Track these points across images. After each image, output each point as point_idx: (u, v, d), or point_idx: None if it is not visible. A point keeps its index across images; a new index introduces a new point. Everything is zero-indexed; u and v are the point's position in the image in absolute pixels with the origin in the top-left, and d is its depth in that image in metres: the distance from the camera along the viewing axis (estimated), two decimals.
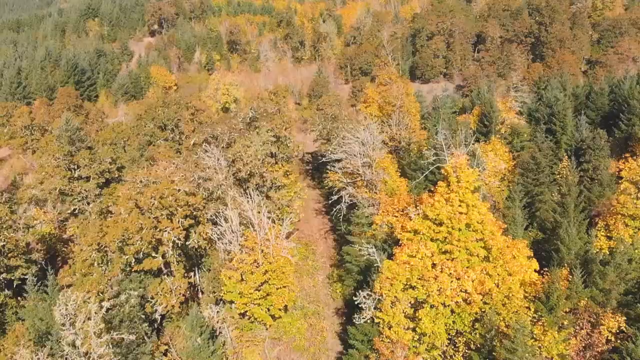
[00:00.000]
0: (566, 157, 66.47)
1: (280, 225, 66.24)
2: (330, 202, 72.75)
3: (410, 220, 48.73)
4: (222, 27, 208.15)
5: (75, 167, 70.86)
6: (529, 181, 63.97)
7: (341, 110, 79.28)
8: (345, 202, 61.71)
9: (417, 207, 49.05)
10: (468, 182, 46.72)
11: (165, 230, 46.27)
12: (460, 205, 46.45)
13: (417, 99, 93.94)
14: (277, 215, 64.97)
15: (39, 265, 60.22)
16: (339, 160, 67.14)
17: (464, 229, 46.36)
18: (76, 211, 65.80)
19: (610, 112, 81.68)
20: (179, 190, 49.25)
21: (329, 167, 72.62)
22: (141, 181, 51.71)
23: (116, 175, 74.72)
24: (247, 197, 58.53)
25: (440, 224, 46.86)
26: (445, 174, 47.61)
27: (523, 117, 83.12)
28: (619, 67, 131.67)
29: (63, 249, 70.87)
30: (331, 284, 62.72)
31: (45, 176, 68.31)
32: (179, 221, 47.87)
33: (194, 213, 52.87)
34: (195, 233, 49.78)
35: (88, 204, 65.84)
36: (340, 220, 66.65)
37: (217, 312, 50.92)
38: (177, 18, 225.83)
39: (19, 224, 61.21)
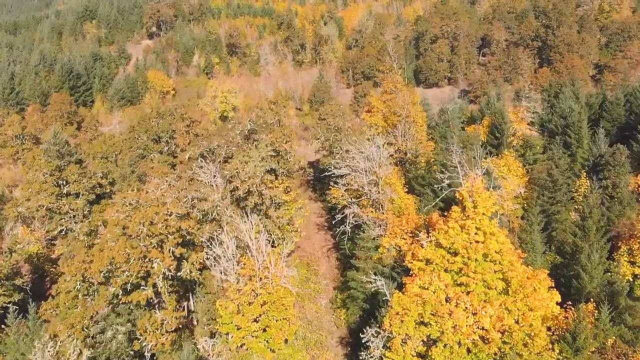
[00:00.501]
0: (584, 174, 62.57)
1: (281, 245, 62.49)
2: (333, 218, 69.21)
3: (422, 247, 44.97)
4: (222, 30, 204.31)
5: (64, 183, 67.09)
6: (544, 199, 60.15)
7: (345, 122, 75.36)
8: (349, 222, 57.86)
9: (429, 234, 45.26)
10: (485, 208, 42.97)
11: (155, 261, 42.47)
12: (476, 233, 42.70)
13: (423, 107, 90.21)
14: (277, 235, 61.21)
15: (23, 292, 56.45)
16: (342, 176, 63.47)
17: (480, 259, 42.61)
18: (63, 232, 61.96)
19: (626, 123, 77.87)
20: (170, 214, 45.44)
21: (331, 182, 69.01)
22: (130, 203, 47.93)
23: (108, 190, 71.04)
24: (245, 218, 54.85)
25: (455, 254, 43.08)
26: (460, 198, 43.84)
27: (535, 128, 79.35)
28: (630, 72, 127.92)
29: (51, 269, 67.28)
30: (335, 309, 58.93)
31: (32, 193, 64.58)
32: (169, 250, 44.08)
33: (188, 237, 49.14)
34: (187, 262, 45.95)
35: (76, 223, 61.98)
36: (345, 240, 62.93)
37: (213, 344, 47.16)
38: (176, 20, 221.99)
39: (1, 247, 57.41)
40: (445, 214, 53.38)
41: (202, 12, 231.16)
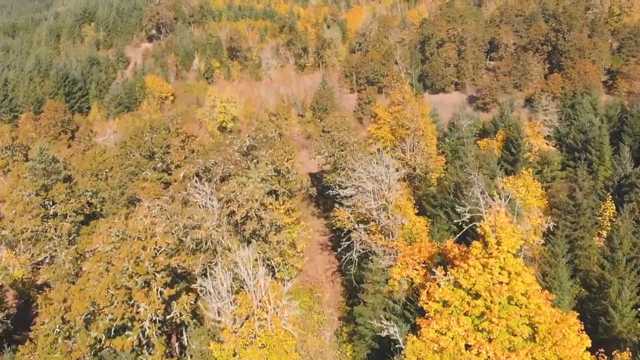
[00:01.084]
0: (610, 197, 57.96)
1: (282, 272, 58.10)
2: (338, 237, 64.90)
3: (439, 287, 40.51)
4: (222, 33, 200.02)
5: (50, 203, 62.79)
6: (567, 224, 55.61)
7: (350, 136, 70.89)
8: (356, 249, 53.38)
9: (446, 271, 40.77)
10: (510, 246, 38.46)
11: (141, 306, 38.11)
12: (500, 274, 38.26)
13: (432, 117, 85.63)
14: (278, 262, 56.82)
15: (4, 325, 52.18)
16: (348, 196, 59.05)
17: (505, 302, 38.14)
18: (47, 260, 57.68)
19: None
20: (159, 249, 41.05)
21: (336, 201, 64.63)
22: (116, 234, 43.60)
23: (98, 209, 66.74)
24: (243, 245, 50.50)
25: (477, 296, 38.59)
26: (482, 233, 39.33)
27: (552, 142, 74.82)
28: None
29: (37, 295, 63.02)
30: (340, 344, 54.45)
31: (16, 215, 60.31)
32: (157, 291, 39.68)
33: (179, 271, 44.81)
34: (177, 304, 41.56)
35: (62, 250, 57.63)
36: (351, 263, 58.48)
37: None
38: (176, 23, 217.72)
39: None
40: (462, 244, 49.02)
41: (202, 15, 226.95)
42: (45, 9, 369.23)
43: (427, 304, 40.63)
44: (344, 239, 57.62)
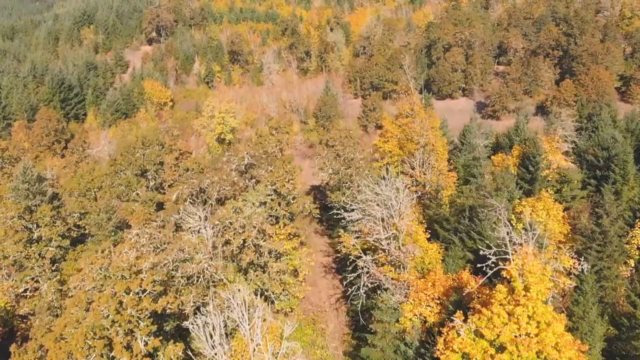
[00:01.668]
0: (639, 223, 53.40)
1: (282, 302, 53.80)
2: (343, 260, 60.54)
3: (458, 335, 36.08)
4: (223, 36, 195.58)
5: (35, 226, 58.47)
6: (592, 253, 51.13)
7: (356, 152, 66.42)
8: (364, 284, 48.87)
9: (466, 317, 36.31)
10: (540, 292, 34.02)
11: None
12: (529, 324, 33.85)
13: (442, 129, 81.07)
14: (277, 293, 52.44)
15: None
16: (354, 220, 54.59)
17: (533, 357, 33.71)
18: (28, 292, 53.39)
19: None
20: (144, 292, 36.68)
21: (341, 223, 60.36)
22: (99, 272, 39.25)
23: (86, 231, 62.41)
24: (239, 276, 46.16)
25: (502, 349, 34.20)
26: (508, 277, 34.86)
27: (571, 158, 70.29)
28: None
29: (21, 324, 58.85)
30: None
31: None
32: (141, 340, 35.29)
33: (167, 311, 40.45)
34: (163, 355, 37.15)
35: (44, 280, 53.29)
36: (356, 289, 54.00)
37: None
38: (176, 26, 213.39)
39: None
40: (479, 275, 44.58)
41: (203, 17, 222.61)
42: (46, 10, 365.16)
43: (445, 354, 36.27)
44: (349, 267, 53.24)
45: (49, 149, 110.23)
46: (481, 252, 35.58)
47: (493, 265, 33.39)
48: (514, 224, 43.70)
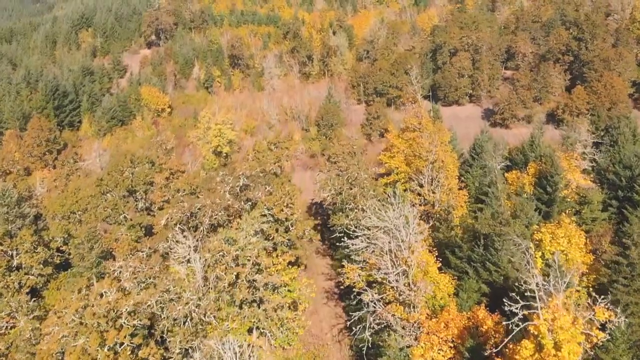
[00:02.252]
0: None
1: (279, 340, 49.42)
2: (347, 288, 56.12)
3: None
4: (224, 39, 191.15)
5: (15, 252, 54.25)
6: (618, 287, 46.59)
7: (360, 171, 61.92)
8: (370, 326, 44.40)
9: None
10: (573, 351, 29.50)
11: None
12: None
13: (452, 143, 76.49)
14: (273, 332, 47.99)
15: None
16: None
17: None
18: (2, 329, 49.08)
19: None
20: (121, 345, 32.31)
21: (345, 254, 55.83)
22: (73, 319, 34.94)
23: (71, 256, 58.11)
24: (230, 315, 41.80)
25: None
26: (536, 333, 30.39)
27: (590, 177, 65.69)
28: None
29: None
30: None
31: None
32: None
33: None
34: None
35: (20, 317, 48.93)
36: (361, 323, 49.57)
37: None
38: (176, 29, 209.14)
39: None
40: (496, 313, 40.32)
41: (203, 20, 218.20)
42: (47, 12, 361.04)
43: None
44: (353, 302, 48.85)
45: (41, 159, 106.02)
46: (506, 308, 31.00)
47: (521, 319, 28.86)
48: (532, 251, 39.18)
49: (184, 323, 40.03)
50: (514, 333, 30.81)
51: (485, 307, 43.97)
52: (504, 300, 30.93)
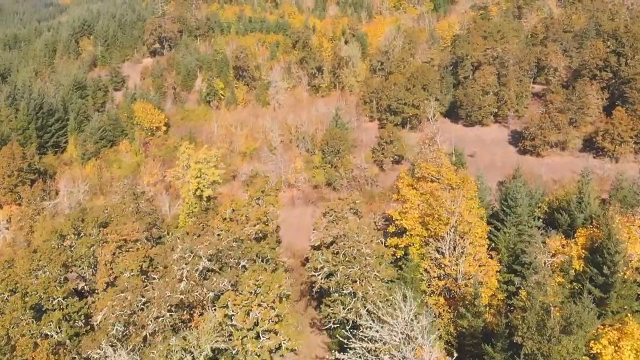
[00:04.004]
0: None
1: None
2: None
3: None
4: (229, 49, 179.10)
5: None
6: None
7: (363, 245, 48.49)
8: None
9: None
10: None
11: None
12: None
13: (480, 196, 62.21)
14: None
15: None
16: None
17: None
18: None
19: None
20: None
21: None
22: None
23: None
24: None
25: None
26: None
27: None
28: None
29: None
30: None
31: None
32: None
33: None
34: None
35: None
36: None
37: None
38: (181, 36, 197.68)
39: None
40: None
41: (209, 27, 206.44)
42: (59, 15, 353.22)
43: None
44: None
45: (12, 192, 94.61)
46: None
47: None
48: None
49: None
50: None
51: None
52: None
